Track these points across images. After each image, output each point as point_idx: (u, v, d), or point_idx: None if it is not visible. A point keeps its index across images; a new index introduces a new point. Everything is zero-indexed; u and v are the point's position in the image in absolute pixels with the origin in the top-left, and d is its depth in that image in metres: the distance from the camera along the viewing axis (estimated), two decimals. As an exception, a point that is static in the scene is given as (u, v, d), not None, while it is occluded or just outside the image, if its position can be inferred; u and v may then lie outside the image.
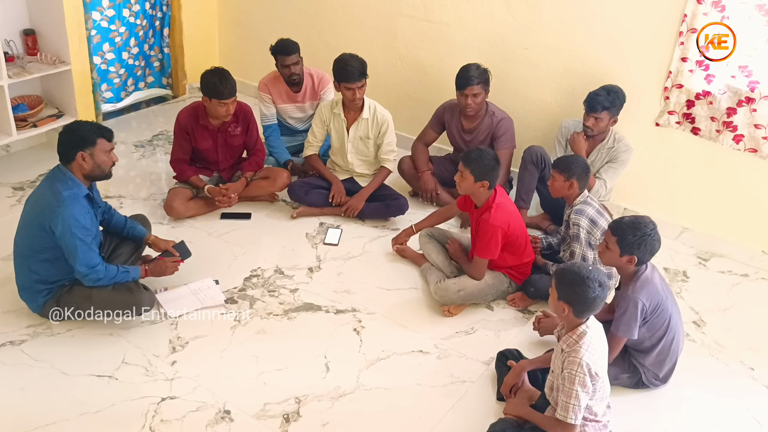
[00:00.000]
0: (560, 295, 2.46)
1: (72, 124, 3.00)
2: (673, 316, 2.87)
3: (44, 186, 2.98)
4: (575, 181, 3.31)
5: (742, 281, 3.89)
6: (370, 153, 4.18)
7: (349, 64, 3.87)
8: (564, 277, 2.46)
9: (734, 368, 3.24)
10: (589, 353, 2.43)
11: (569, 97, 4.23)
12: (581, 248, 3.32)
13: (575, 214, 3.33)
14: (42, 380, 2.87)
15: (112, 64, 5.00)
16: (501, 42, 4.39)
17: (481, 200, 3.35)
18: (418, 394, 2.96)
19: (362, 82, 3.89)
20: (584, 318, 2.48)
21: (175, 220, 4.00)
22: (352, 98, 3.92)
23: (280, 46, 4.26)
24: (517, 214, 3.42)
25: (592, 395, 2.47)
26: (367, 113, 4.03)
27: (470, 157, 3.28)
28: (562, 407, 2.45)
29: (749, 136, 3.77)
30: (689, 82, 3.85)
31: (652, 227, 2.77)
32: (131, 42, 5.08)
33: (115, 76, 5.08)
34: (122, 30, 4.95)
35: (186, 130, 3.96)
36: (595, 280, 2.41)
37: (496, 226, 3.26)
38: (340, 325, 3.32)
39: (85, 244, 2.89)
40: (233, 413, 2.78)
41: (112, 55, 4.97)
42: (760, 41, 3.58)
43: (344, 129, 4.08)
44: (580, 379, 2.40)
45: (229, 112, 3.84)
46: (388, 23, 4.81)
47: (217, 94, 3.75)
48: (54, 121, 4.45)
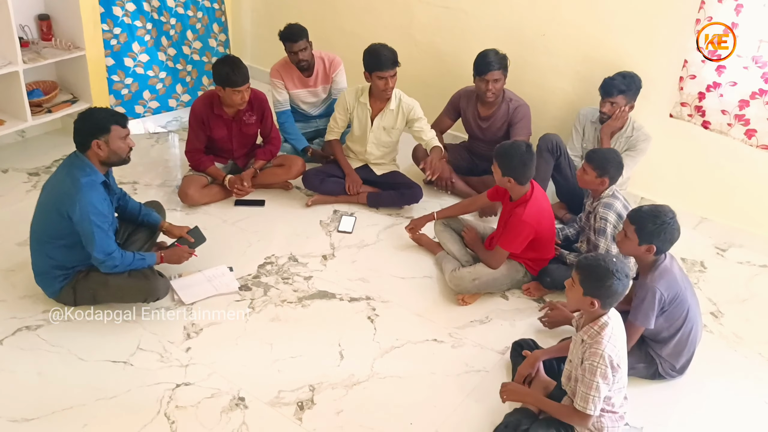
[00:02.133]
0: (587, 291, 2.42)
1: (85, 112, 2.99)
2: (691, 308, 2.84)
3: (62, 172, 2.98)
4: (607, 179, 3.26)
5: (760, 272, 3.84)
6: (392, 143, 4.15)
7: (382, 53, 3.84)
8: (592, 273, 2.42)
9: (752, 360, 3.21)
10: (611, 344, 2.41)
11: (587, 85, 4.17)
12: (606, 243, 3.27)
13: (603, 208, 3.28)
14: (59, 365, 2.89)
15: (149, 67, 4.70)
16: (519, 29, 4.34)
17: (516, 194, 3.30)
18: (432, 383, 2.96)
19: (395, 71, 3.85)
20: (608, 309, 2.45)
21: (189, 207, 4.00)
22: (384, 87, 3.88)
23: (287, 32, 4.22)
24: (549, 211, 3.38)
25: (612, 386, 2.45)
26: (393, 104, 4.00)
27: (499, 151, 3.25)
28: (582, 397, 2.43)
29: (762, 131, 3.66)
30: (701, 73, 3.76)
31: (672, 216, 2.74)
32: (163, 41, 4.74)
33: (156, 81, 4.77)
34: (149, 27, 4.63)
35: (201, 119, 3.95)
36: (623, 272, 2.40)
37: (527, 223, 3.23)
38: (355, 313, 3.31)
39: (102, 231, 2.89)
40: (247, 400, 2.78)
41: (146, 56, 4.67)
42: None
43: (368, 118, 4.05)
44: (601, 370, 2.38)
45: (245, 99, 3.82)
46: (405, 9, 4.77)
47: (230, 83, 3.73)
48: (69, 106, 4.45)
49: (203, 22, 4.94)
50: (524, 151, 3.21)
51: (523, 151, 3.21)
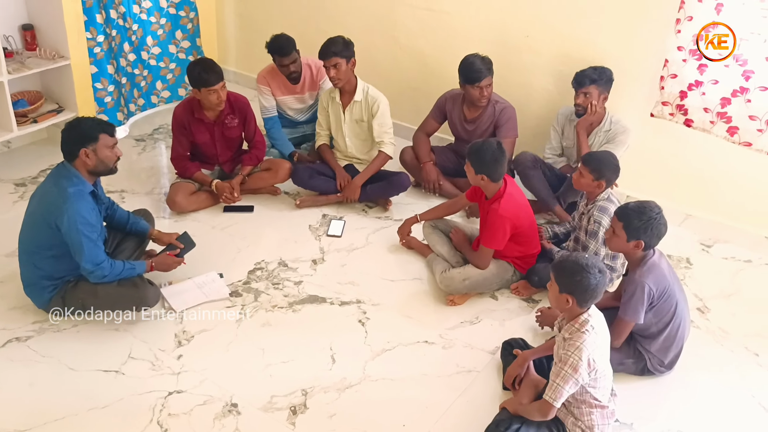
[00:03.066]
0: (561, 288, 2.47)
1: (73, 121, 2.99)
2: (679, 303, 2.88)
3: (49, 183, 2.98)
4: (604, 182, 3.29)
5: (745, 267, 3.89)
6: (367, 136, 4.18)
7: (325, 43, 3.92)
8: (563, 269, 2.47)
9: (739, 354, 3.25)
10: (590, 341, 2.43)
11: (570, 85, 4.20)
12: (596, 245, 3.29)
13: (598, 211, 3.29)
14: (50, 376, 2.89)
15: (135, 65, 4.85)
16: (502, 30, 4.37)
17: (490, 191, 3.34)
18: (424, 385, 2.97)
19: (334, 61, 3.88)
20: (586, 307, 2.48)
21: (177, 214, 4.01)
22: (329, 77, 3.97)
23: (276, 46, 4.21)
24: (526, 205, 3.42)
25: (592, 384, 2.48)
26: (359, 95, 4.04)
27: (471, 150, 3.29)
28: (549, 386, 2.48)
29: (744, 129, 3.70)
30: (683, 72, 3.80)
31: (658, 211, 2.78)
32: (148, 41, 4.90)
33: (141, 79, 4.94)
34: (135, 27, 4.76)
35: (183, 124, 3.95)
36: (595, 267, 2.43)
37: (505, 217, 3.26)
38: (345, 316, 3.33)
39: (90, 241, 2.89)
40: (240, 406, 2.79)
41: (134, 55, 4.81)
42: (754, 28, 3.54)
43: (341, 112, 4.09)
44: (573, 361, 2.41)
45: (221, 98, 3.82)
46: (389, 12, 4.79)
47: (203, 83, 3.74)
48: (54, 116, 4.44)
49: (165, 29, 4.98)
50: (495, 148, 3.25)
51: (494, 148, 3.25)
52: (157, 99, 5.14)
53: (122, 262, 3.07)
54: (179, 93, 5.22)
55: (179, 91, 5.22)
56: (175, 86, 5.20)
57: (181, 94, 5.23)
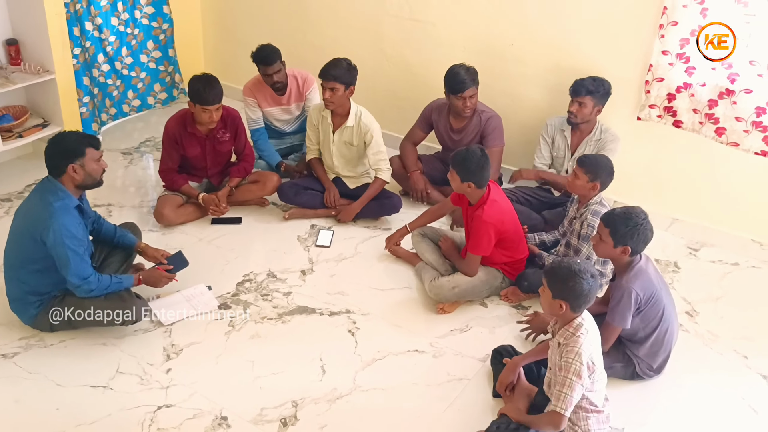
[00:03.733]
0: (554, 294, 2.48)
1: (57, 137, 2.96)
2: (667, 307, 2.89)
3: (34, 197, 2.96)
4: (598, 184, 3.31)
5: (733, 270, 3.91)
6: (354, 158, 4.18)
7: (329, 63, 3.90)
8: (556, 275, 2.48)
9: (728, 357, 3.26)
10: (587, 343, 2.44)
11: (556, 93, 4.24)
12: (589, 249, 3.30)
13: (591, 215, 3.31)
14: (36, 392, 2.85)
15: (108, 76, 4.89)
16: (487, 39, 4.40)
17: (474, 198, 3.35)
18: (414, 394, 2.96)
19: (332, 86, 3.86)
20: (579, 312, 2.49)
21: (165, 227, 3.98)
22: (323, 97, 3.94)
23: (261, 55, 4.21)
24: (511, 210, 3.43)
25: (590, 387, 2.48)
26: (352, 121, 4.02)
27: (456, 159, 3.29)
28: (556, 397, 2.47)
29: (731, 129, 3.76)
30: (670, 76, 3.85)
31: (644, 217, 2.80)
32: (123, 51, 4.94)
33: (113, 89, 4.97)
34: (112, 39, 4.81)
35: (175, 138, 3.94)
36: (587, 272, 2.45)
37: (489, 223, 3.26)
38: (335, 327, 3.32)
39: (77, 255, 2.87)
40: (230, 419, 2.77)
41: (108, 66, 4.85)
42: (737, 33, 3.58)
43: (330, 132, 4.08)
44: (575, 368, 2.42)
45: (212, 119, 3.82)
46: (374, 23, 4.81)
47: (201, 100, 3.74)
48: (40, 131, 4.41)
49: (138, 39, 5.03)
50: (480, 155, 3.26)
51: (479, 155, 3.26)
52: (129, 108, 5.19)
53: (109, 276, 3.04)
54: (148, 101, 5.30)
55: (148, 99, 5.30)
56: (145, 95, 5.27)
57: (150, 102, 5.31)
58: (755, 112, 3.66)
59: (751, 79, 3.62)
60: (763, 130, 3.67)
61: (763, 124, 3.66)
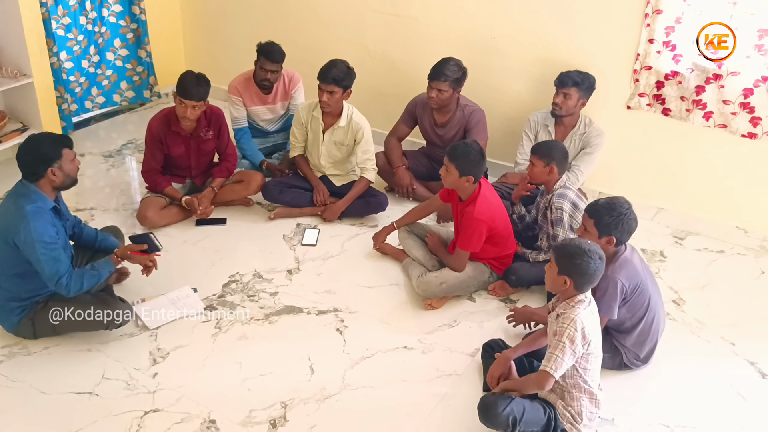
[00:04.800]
0: (561, 269, 2.49)
1: (30, 143, 2.90)
2: (652, 297, 2.89)
3: (7, 202, 2.92)
4: (555, 166, 3.33)
5: (718, 258, 3.93)
6: (342, 158, 4.15)
7: (329, 65, 3.85)
8: (565, 251, 2.50)
9: (716, 344, 3.28)
10: (584, 314, 2.46)
11: (540, 85, 4.24)
12: (564, 232, 3.33)
13: (557, 198, 3.34)
14: (20, 401, 2.81)
15: (71, 73, 4.87)
16: (470, 33, 4.39)
17: (466, 193, 3.33)
18: (404, 391, 2.95)
19: (331, 89, 3.83)
20: (583, 291, 2.50)
21: (149, 230, 3.94)
22: (320, 98, 3.89)
23: (268, 50, 4.18)
24: (501, 206, 3.42)
25: (584, 363, 2.49)
26: (344, 121, 3.99)
27: (456, 153, 3.26)
28: (547, 358, 2.48)
29: (718, 113, 3.81)
30: (657, 63, 3.88)
31: (627, 207, 2.81)
32: (91, 50, 4.94)
33: (76, 85, 4.95)
34: (80, 38, 4.80)
35: (158, 138, 3.90)
36: (596, 253, 2.47)
37: (480, 220, 3.25)
38: (323, 326, 3.30)
39: (49, 258, 2.82)
40: (219, 422, 2.74)
41: (71, 63, 4.83)
42: (722, 17, 3.60)
43: (320, 132, 4.04)
44: (569, 333, 2.43)
45: (186, 115, 3.77)
46: (356, 19, 4.78)
47: (181, 92, 3.72)
48: (19, 135, 4.36)
49: (105, 37, 5.03)
50: (478, 149, 3.26)
51: (477, 149, 3.26)
52: (92, 105, 5.17)
53: (80, 271, 2.95)
54: (114, 99, 5.28)
55: (114, 97, 5.28)
56: (110, 92, 5.25)
57: (115, 100, 5.29)
58: (743, 94, 3.70)
59: (738, 60, 3.65)
60: (751, 111, 3.72)
61: (751, 105, 3.70)
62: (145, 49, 5.25)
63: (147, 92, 5.43)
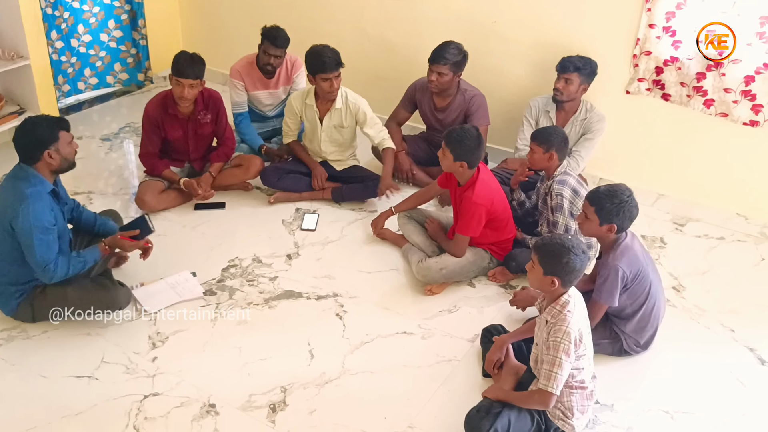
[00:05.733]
0: (546, 270, 2.46)
1: (26, 126, 2.87)
2: (653, 283, 2.89)
3: (6, 185, 2.89)
4: (555, 153, 3.31)
5: (718, 244, 3.92)
6: (345, 141, 4.12)
7: (325, 54, 3.77)
8: (548, 251, 2.46)
9: (715, 331, 3.28)
10: (574, 321, 2.44)
11: (540, 69, 4.21)
12: (564, 218, 3.32)
13: (557, 184, 3.32)
14: (20, 384, 2.81)
15: (62, 53, 4.80)
16: (469, 16, 4.35)
17: (464, 178, 3.32)
18: (404, 376, 2.95)
19: (338, 72, 3.80)
20: (568, 287, 2.48)
21: (147, 214, 3.91)
22: (329, 89, 3.83)
23: (274, 35, 4.14)
24: (500, 190, 3.41)
25: (575, 365, 2.48)
26: (339, 103, 3.95)
27: (451, 137, 3.24)
28: (545, 376, 2.46)
29: (719, 101, 3.79)
30: (657, 49, 3.85)
31: (629, 194, 2.79)
32: (79, 28, 4.86)
33: (68, 66, 4.88)
34: (66, 15, 4.71)
35: (155, 121, 3.87)
36: (579, 248, 2.44)
37: (479, 204, 3.24)
38: (322, 310, 3.29)
39: (42, 243, 2.80)
40: (218, 406, 2.74)
41: (61, 43, 4.75)
42: (725, 6, 3.58)
43: (317, 119, 4.01)
44: (564, 346, 2.41)
45: (183, 95, 3.73)
46: (354, 3, 4.74)
47: (177, 71, 3.68)
48: (16, 118, 4.31)
49: (98, 18, 4.97)
50: (475, 134, 3.24)
51: (474, 134, 3.23)
52: (84, 86, 5.12)
53: (67, 257, 2.92)
54: (107, 80, 5.24)
55: (107, 78, 5.23)
56: (104, 74, 5.19)
57: (109, 81, 5.24)
58: (744, 81, 3.68)
59: (739, 48, 3.62)
60: (752, 98, 3.70)
61: (752, 93, 3.68)
62: (139, 31, 5.19)
63: (141, 75, 5.38)
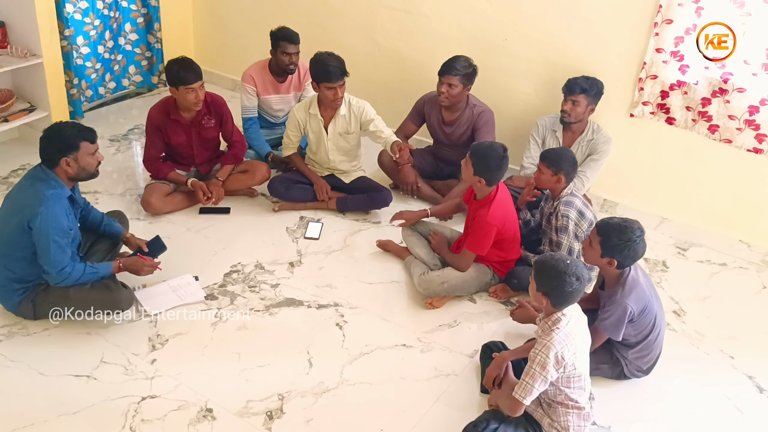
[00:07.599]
0: (539, 287, 2.50)
1: (52, 128, 2.91)
2: (657, 315, 2.88)
3: (25, 184, 2.92)
4: (563, 176, 3.31)
5: (720, 270, 3.93)
6: (352, 148, 4.13)
7: (330, 63, 3.78)
8: (543, 270, 2.49)
9: (715, 357, 3.28)
10: (559, 338, 2.44)
11: (549, 88, 4.23)
12: (569, 240, 3.33)
13: (564, 206, 3.32)
14: (19, 381, 2.81)
15: (88, 59, 4.84)
16: (481, 33, 4.38)
17: (482, 194, 3.33)
18: (402, 388, 2.95)
19: (343, 81, 3.82)
20: (560, 309, 2.49)
21: (152, 216, 3.94)
22: (333, 98, 3.85)
23: (286, 33, 4.19)
24: (513, 212, 3.41)
25: (566, 383, 2.48)
26: (343, 109, 3.96)
27: (477, 150, 3.25)
28: (519, 384, 2.49)
29: (724, 127, 3.79)
30: (663, 73, 3.86)
31: (639, 234, 2.74)
32: (106, 35, 4.93)
33: (92, 71, 4.93)
34: (97, 23, 4.78)
35: (158, 126, 3.89)
36: (573, 275, 2.42)
37: (492, 224, 3.25)
38: (323, 320, 3.29)
39: (59, 246, 2.83)
40: (215, 411, 2.74)
41: (87, 49, 4.81)
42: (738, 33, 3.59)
43: (322, 128, 4.02)
44: (541, 359, 2.43)
45: (199, 98, 3.75)
46: (367, 14, 4.77)
47: (181, 81, 3.68)
48: (26, 115, 4.34)
49: (118, 22, 5.03)
50: (501, 154, 3.23)
51: (500, 154, 3.23)
52: (104, 90, 5.15)
53: (84, 265, 2.96)
54: (123, 83, 5.27)
55: (123, 81, 5.27)
56: (120, 77, 5.24)
57: (124, 84, 5.28)
58: (748, 111, 3.68)
59: (745, 78, 3.64)
60: (756, 128, 3.70)
61: (756, 123, 3.69)
62: (155, 35, 5.23)
63: (155, 78, 5.42)
